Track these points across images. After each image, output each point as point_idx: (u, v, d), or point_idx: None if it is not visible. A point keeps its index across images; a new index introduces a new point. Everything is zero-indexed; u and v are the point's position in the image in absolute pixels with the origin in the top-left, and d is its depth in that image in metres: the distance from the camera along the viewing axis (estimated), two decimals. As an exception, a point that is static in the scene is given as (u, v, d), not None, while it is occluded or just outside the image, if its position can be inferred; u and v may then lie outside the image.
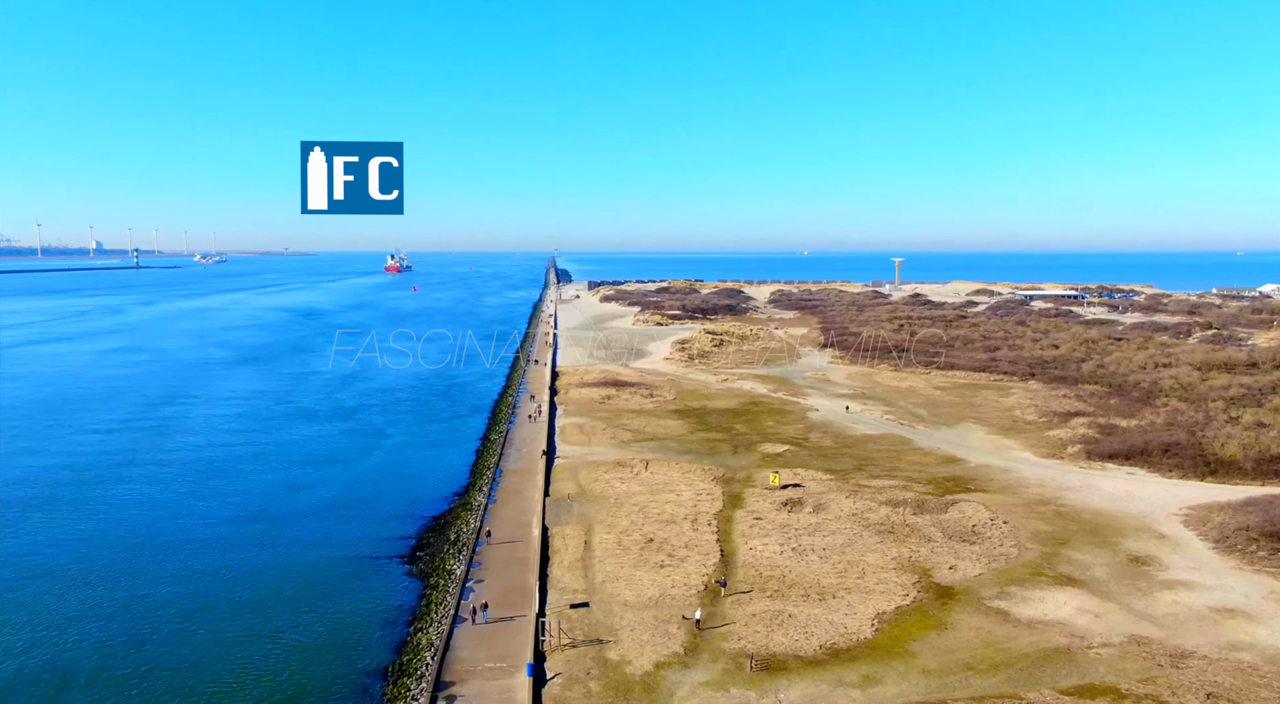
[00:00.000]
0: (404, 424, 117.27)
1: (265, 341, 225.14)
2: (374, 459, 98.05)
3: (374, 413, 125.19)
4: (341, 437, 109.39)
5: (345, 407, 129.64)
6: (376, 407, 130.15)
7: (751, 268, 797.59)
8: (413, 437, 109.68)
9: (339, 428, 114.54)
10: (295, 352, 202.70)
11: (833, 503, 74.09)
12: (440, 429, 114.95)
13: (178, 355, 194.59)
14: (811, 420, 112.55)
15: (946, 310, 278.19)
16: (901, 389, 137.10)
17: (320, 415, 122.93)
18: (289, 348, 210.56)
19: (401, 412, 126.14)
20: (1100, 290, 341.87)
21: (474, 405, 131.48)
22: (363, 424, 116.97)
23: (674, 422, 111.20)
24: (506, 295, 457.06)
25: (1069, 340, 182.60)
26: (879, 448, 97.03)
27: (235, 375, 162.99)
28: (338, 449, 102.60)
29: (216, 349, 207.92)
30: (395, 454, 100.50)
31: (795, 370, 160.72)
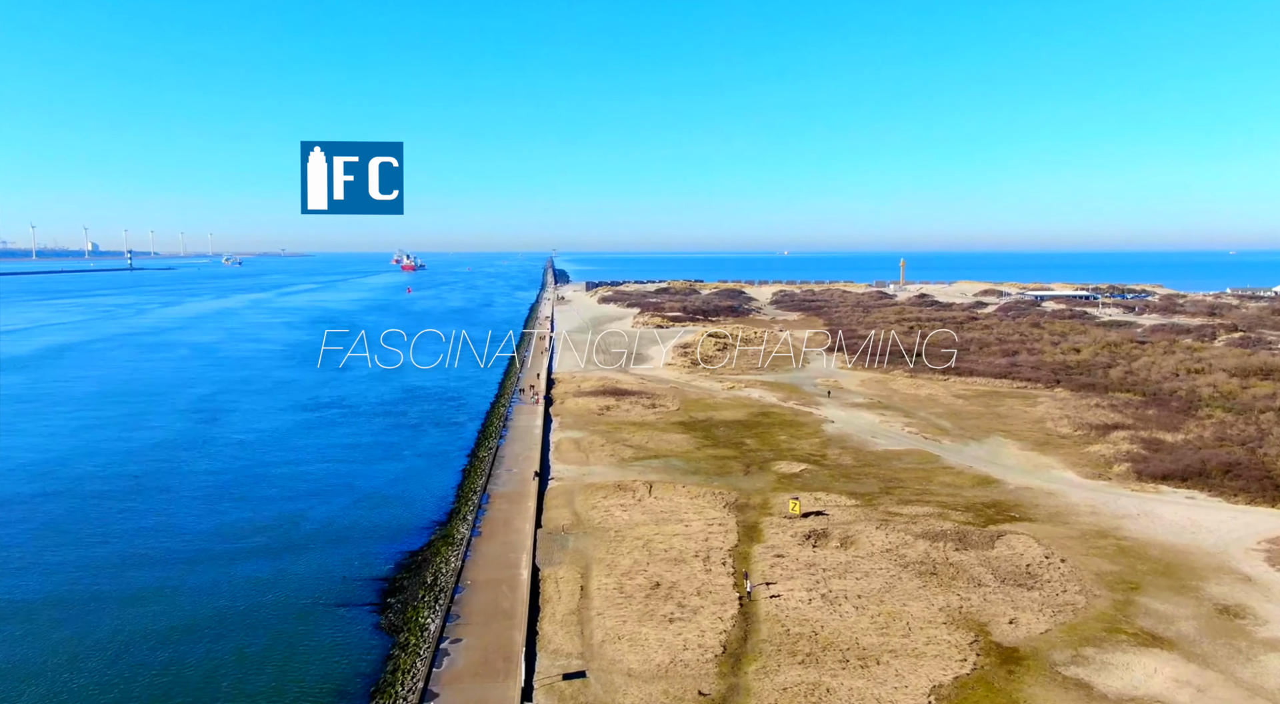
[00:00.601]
0: (388, 437, 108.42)
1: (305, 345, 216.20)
2: (351, 480, 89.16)
3: (356, 423, 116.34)
4: (317, 453, 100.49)
5: (325, 416, 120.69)
6: (360, 414, 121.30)
7: (733, 268, 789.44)
8: (396, 453, 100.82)
9: (315, 442, 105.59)
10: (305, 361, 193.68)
11: (862, 535, 65.30)
12: (427, 442, 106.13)
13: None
14: (828, 434, 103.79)
15: (955, 311, 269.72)
16: (920, 397, 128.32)
17: (296, 427, 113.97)
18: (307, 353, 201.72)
19: (386, 422, 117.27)
20: (1112, 290, 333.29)
21: (464, 415, 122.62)
22: (342, 437, 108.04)
23: (679, 436, 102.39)
24: (516, 296, 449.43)
25: (1090, 344, 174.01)
26: (905, 466, 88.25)
27: (214, 381, 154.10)
28: (311, 468, 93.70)
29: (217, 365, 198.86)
30: (375, 474, 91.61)
31: (804, 376, 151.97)
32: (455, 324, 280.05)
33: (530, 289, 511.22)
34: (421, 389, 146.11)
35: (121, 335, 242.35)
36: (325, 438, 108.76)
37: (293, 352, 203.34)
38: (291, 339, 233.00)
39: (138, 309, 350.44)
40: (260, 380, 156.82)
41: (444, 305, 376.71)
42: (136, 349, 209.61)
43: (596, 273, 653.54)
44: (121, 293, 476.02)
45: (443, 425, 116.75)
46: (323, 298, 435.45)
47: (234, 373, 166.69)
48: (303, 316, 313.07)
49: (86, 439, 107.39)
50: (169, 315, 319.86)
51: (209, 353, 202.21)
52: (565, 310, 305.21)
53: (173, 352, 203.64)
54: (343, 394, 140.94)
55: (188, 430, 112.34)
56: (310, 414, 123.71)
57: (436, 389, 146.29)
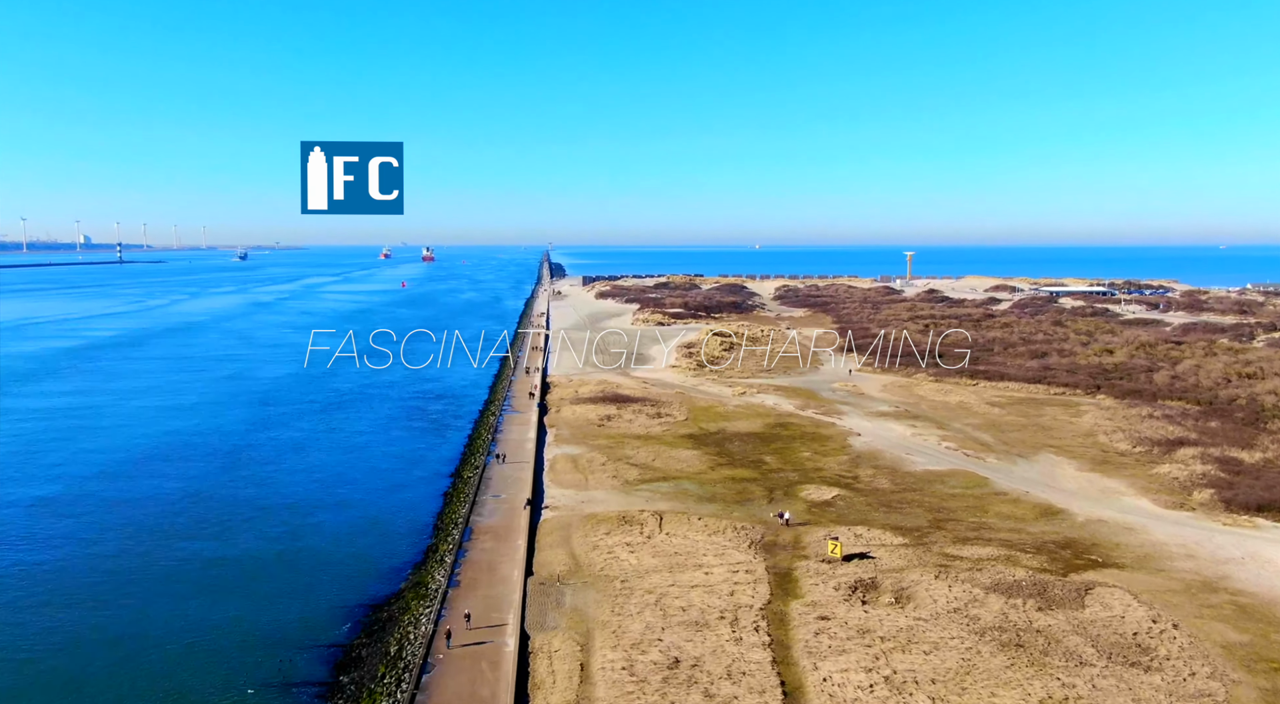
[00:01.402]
0: (364, 454, 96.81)
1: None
2: (321, 504, 77.57)
3: (333, 435, 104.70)
4: (285, 473, 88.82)
5: (298, 432, 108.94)
6: (337, 427, 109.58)
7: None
8: (373, 470, 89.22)
9: (284, 467, 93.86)
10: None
11: (920, 588, 53.96)
12: (408, 457, 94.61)
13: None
14: (856, 449, 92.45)
15: (968, 308, 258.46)
16: (951, 405, 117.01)
17: (266, 444, 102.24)
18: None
19: (365, 436, 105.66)
20: (1128, 286, 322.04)
21: (450, 425, 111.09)
22: (315, 457, 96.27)
23: (689, 452, 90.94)
24: (525, 288, 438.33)
25: (1122, 344, 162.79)
26: (952, 492, 76.86)
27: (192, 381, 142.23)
28: (274, 492, 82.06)
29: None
30: (349, 497, 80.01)
31: (820, 380, 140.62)
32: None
33: (530, 283, 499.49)
34: (406, 392, 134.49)
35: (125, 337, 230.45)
36: (301, 450, 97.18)
37: (290, 351, 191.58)
38: (287, 340, 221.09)
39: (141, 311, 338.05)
40: (248, 377, 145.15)
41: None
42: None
43: (593, 267, 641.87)
44: (101, 292, 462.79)
45: (427, 434, 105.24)
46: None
47: (221, 370, 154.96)
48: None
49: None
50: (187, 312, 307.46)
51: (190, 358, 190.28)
52: (561, 306, 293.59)
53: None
54: (321, 397, 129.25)
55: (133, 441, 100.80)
56: (284, 421, 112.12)
57: (421, 396, 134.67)
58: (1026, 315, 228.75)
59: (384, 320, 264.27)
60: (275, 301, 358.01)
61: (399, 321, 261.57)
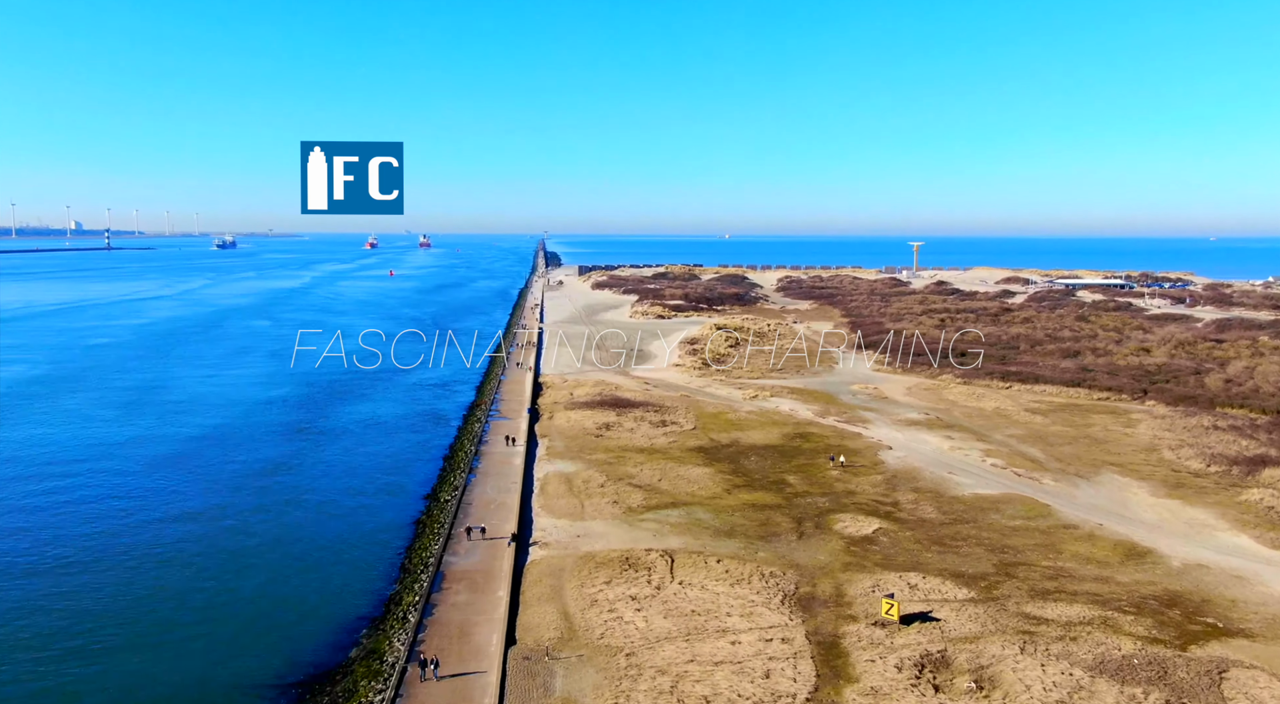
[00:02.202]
0: (331, 469, 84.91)
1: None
2: (266, 539, 65.86)
3: (301, 447, 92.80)
4: (237, 495, 77.03)
5: (267, 448, 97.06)
6: (308, 437, 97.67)
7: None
8: (337, 495, 77.28)
9: (236, 486, 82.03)
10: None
11: (1004, 667, 42.52)
12: (380, 475, 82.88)
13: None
14: (890, 466, 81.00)
15: (982, 301, 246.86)
16: (987, 412, 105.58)
17: (228, 467, 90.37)
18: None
19: (336, 447, 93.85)
20: (1145, 278, 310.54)
21: (431, 433, 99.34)
22: (276, 478, 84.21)
23: (700, 470, 79.33)
24: (519, 275, 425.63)
25: (1158, 343, 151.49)
26: (1011, 523, 65.39)
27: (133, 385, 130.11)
28: (218, 518, 70.32)
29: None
30: (300, 527, 68.27)
31: (836, 381, 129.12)
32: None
33: (527, 272, 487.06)
34: (388, 395, 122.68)
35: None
36: (262, 467, 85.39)
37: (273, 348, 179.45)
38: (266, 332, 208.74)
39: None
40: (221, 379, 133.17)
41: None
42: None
43: (587, 255, 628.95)
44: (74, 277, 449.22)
45: (403, 446, 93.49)
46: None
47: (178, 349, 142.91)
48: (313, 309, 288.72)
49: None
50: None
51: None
52: (557, 297, 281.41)
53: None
54: (296, 403, 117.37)
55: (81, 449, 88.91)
56: (257, 432, 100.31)
57: (407, 396, 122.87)
58: (1045, 309, 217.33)
59: (372, 315, 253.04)
60: (240, 300, 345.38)
61: (390, 315, 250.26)
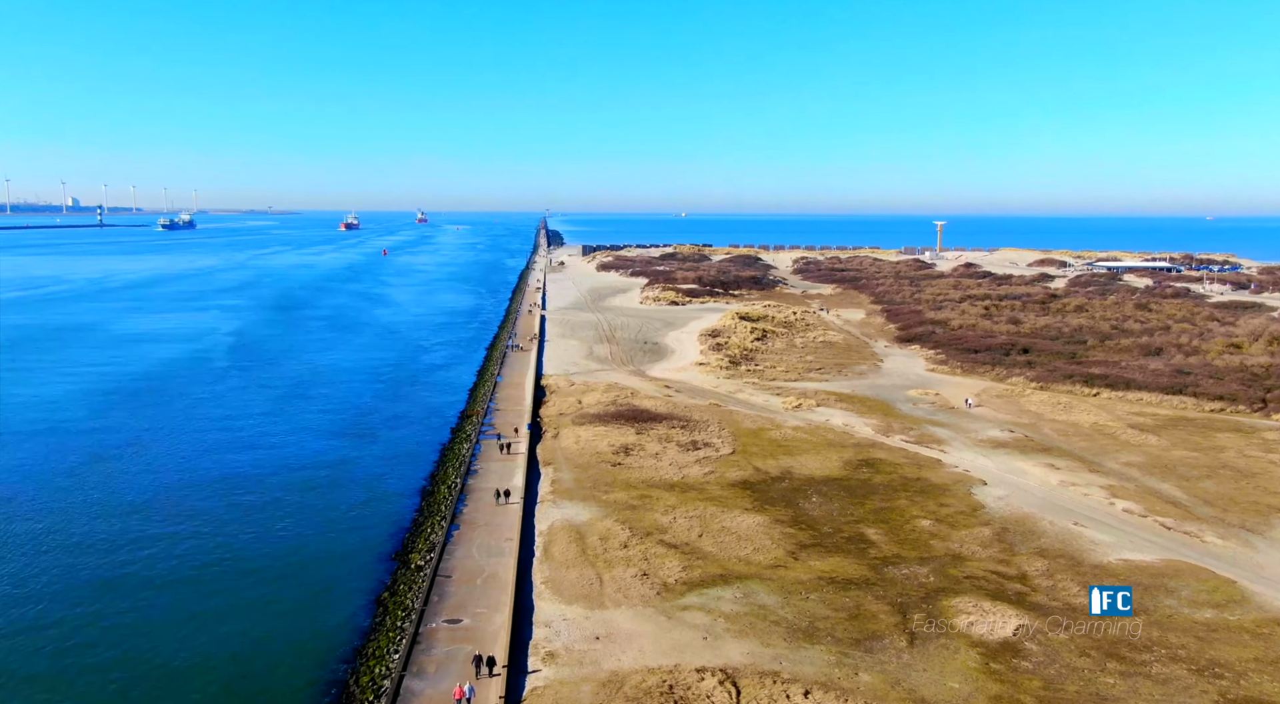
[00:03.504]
0: (261, 532, 66.11)
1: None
2: (178, 645, 47.74)
3: (220, 501, 74.20)
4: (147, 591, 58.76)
5: (195, 504, 78.60)
6: (230, 485, 79.11)
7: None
8: (259, 576, 58.49)
9: (113, 569, 63.67)
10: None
11: None
12: (338, 528, 64.49)
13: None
14: (993, 511, 62.78)
15: (1020, 286, 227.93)
16: (1083, 429, 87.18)
17: (135, 543, 71.99)
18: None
19: (271, 489, 75.36)
20: (1189, 261, 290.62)
21: (404, 466, 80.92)
22: (181, 545, 65.36)
23: (750, 518, 61.04)
24: (520, 255, 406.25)
25: (1248, 337, 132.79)
26: (1199, 616, 47.03)
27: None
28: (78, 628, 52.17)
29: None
30: (215, 634, 50.05)
31: (887, 384, 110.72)
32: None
33: (528, 252, 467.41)
34: (352, 405, 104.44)
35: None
36: (163, 534, 67.06)
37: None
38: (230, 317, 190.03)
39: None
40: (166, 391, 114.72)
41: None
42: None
43: (589, 234, 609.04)
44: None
45: (366, 490, 75.05)
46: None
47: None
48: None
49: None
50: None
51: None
52: (560, 280, 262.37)
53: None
54: (220, 425, 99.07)
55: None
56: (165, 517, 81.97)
57: (377, 406, 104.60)
58: (1095, 295, 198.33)
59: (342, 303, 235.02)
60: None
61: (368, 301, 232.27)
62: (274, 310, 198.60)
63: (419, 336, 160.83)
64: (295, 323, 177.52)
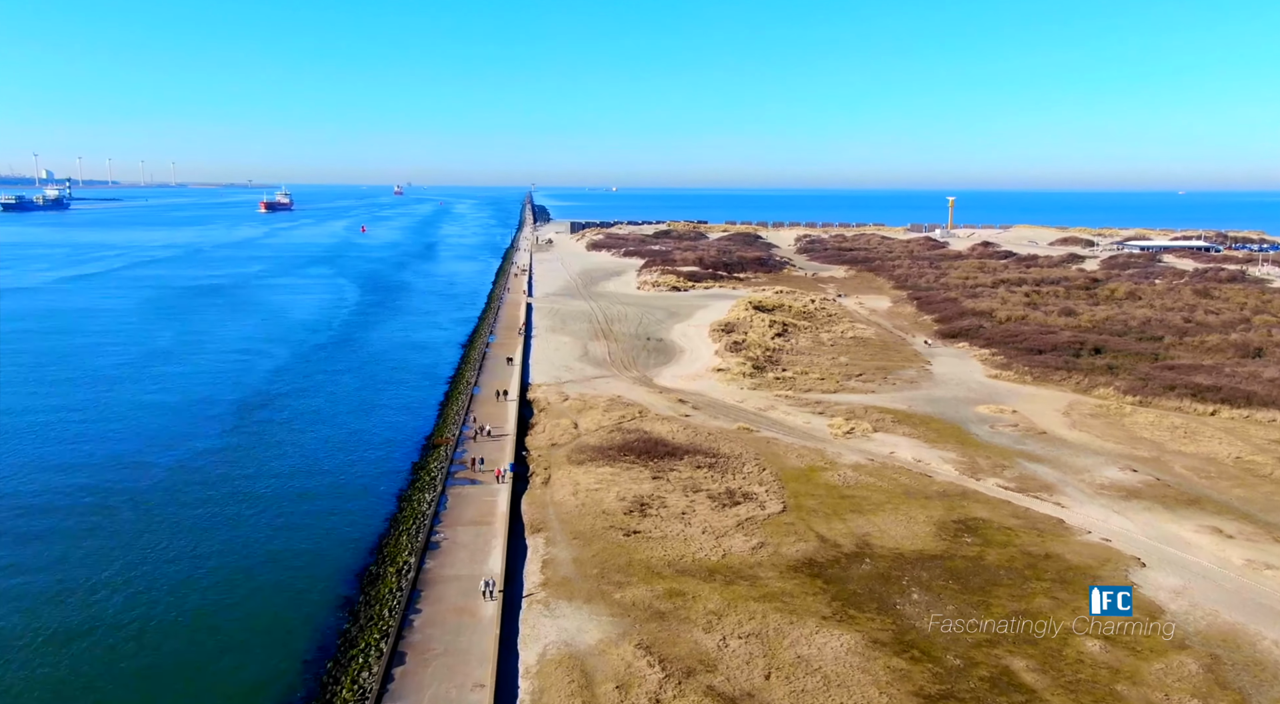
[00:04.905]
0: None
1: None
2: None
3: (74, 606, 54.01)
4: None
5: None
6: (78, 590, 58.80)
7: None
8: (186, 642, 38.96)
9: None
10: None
11: None
12: (249, 637, 44.71)
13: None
14: (1175, 619, 43.57)
15: (1051, 268, 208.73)
16: (1227, 467, 67.92)
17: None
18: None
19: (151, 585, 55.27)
20: (1224, 240, 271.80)
21: (335, 547, 60.85)
22: (41, 653, 45.64)
23: (835, 638, 41.41)
24: (518, 239, 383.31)
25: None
26: None
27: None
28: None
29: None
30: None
31: (946, 396, 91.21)
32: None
33: (510, 229, 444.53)
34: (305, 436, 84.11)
35: None
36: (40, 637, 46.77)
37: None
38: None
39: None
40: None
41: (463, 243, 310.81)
42: None
43: (573, 210, 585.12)
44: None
45: (292, 552, 55.12)
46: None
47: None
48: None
49: None
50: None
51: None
52: (548, 260, 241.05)
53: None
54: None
55: None
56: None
57: (329, 437, 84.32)
58: (1140, 279, 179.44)
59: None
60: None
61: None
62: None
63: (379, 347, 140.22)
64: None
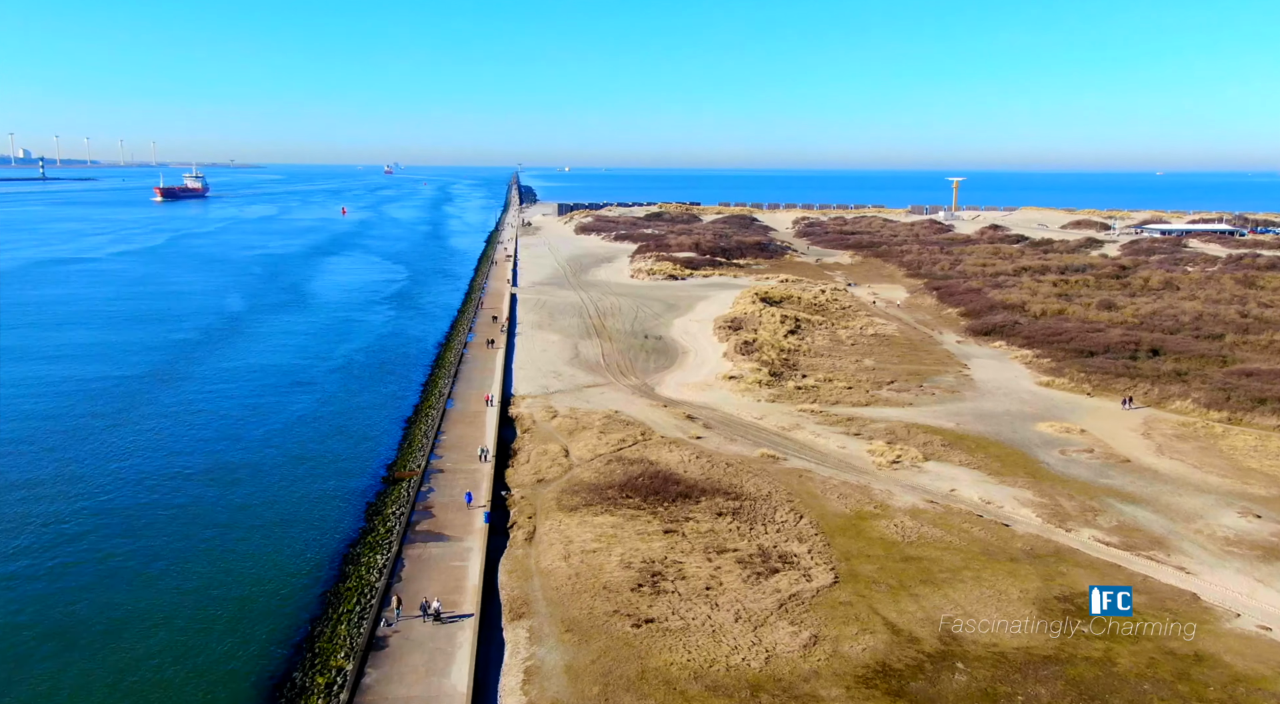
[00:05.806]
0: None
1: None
2: None
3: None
4: None
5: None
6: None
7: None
8: None
9: None
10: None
11: None
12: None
13: None
14: None
15: (1068, 253, 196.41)
16: (1366, 511, 55.29)
17: None
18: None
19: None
20: (1246, 223, 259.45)
21: (260, 627, 47.68)
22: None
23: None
24: (504, 221, 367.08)
25: None
26: None
27: None
28: None
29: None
30: None
31: (997, 410, 78.38)
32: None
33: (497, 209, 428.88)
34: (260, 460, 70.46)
35: None
36: None
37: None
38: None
39: None
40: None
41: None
42: None
43: (562, 191, 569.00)
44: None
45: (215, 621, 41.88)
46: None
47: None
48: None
49: None
50: None
51: None
52: (534, 245, 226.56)
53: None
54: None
55: None
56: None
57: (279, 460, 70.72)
58: (1168, 266, 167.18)
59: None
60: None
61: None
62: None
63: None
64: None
